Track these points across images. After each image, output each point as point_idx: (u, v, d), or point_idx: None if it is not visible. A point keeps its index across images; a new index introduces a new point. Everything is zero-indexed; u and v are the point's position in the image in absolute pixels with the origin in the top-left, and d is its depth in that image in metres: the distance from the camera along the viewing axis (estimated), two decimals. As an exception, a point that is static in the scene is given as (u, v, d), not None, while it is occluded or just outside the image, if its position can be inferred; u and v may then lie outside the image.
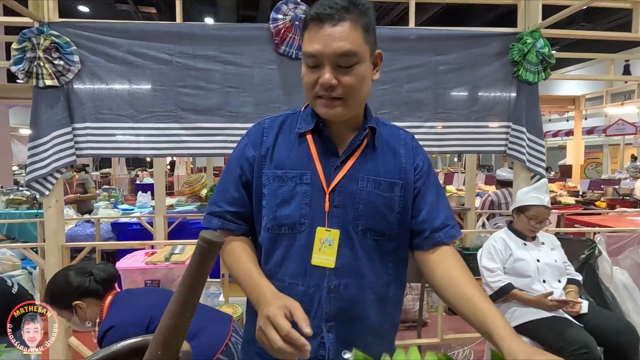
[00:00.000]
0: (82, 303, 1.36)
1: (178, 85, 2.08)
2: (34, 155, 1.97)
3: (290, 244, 0.83)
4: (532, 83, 2.19)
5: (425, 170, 0.89)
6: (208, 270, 0.58)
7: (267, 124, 0.89)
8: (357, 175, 0.83)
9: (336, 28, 0.73)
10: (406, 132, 0.93)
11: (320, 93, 0.77)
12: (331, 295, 0.82)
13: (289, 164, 0.84)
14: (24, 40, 1.93)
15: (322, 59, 0.74)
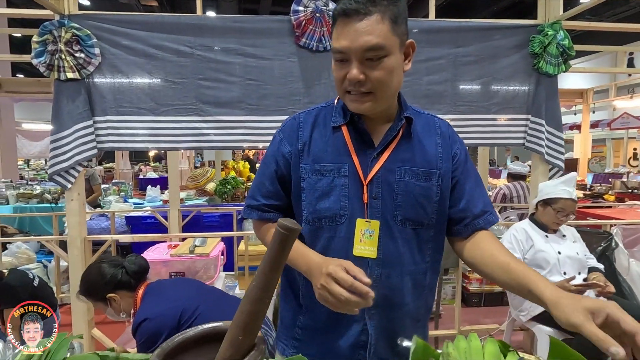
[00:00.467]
0: (115, 295, 1.38)
1: (198, 78, 2.07)
2: (56, 149, 1.97)
3: (331, 236, 0.84)
4: (551, 75, 2.19)
5: (463, 159, 0.89)
6: (286, 257, 0.59)
7: (302, 118, 0.89)
8: (394, 166, 0.84)
9: (362, 22, 0.73)
10: (442, 120, 0.93)
11: (349, 88, 0.78)
12: (374, 285, 0.82)
13: (326, 157, 0.84)
14: (45, 33, 1.92)
15: (349, 54, 0.75)
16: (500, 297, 3.18)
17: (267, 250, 0.59)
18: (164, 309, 1.30)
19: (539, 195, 2.04)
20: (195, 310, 1.30)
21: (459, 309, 2.42)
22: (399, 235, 0.84)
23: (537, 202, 2.06)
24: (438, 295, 2.43)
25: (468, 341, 0.73)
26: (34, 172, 10.30)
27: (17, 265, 3.04)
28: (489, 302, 3.19)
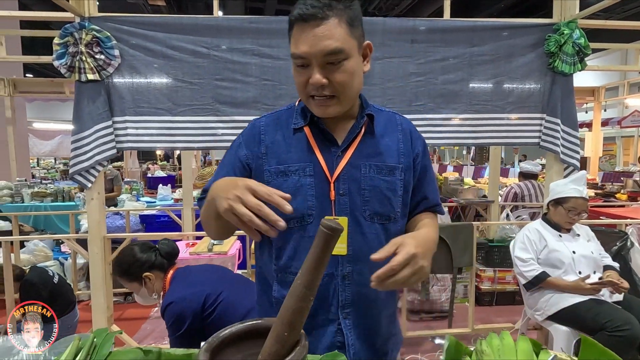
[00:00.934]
0: (151, 275, 1.44)
1: (215, 79, 2.10)
2: (77, 149, 2.01)
3: (301, 237, 0.84)
4: (567, 74, 2.18)
5: (422, 154, 0.92)
6: (329, 255, 0.61)
7: (263, 122, 0.89)
8: (359, 162, 0.84)
9: (320, 27, 0.73)
10: (403, 117, 0.95)
11: (313, 93, 0.78)
12: (346, 282, 0.84)
13: (290, 158, 0.84)
14: (66, 35, 1.96)
15: (310, 59, 0.75)
16: (512, 296, 3.18)
17: (312, 249, 0.60)
18: (189, 293, 1.35)
19: (550, 195, 2.05)
20: (219, 295, 1.35)
21: (473, 308, 2.43)
22: (368, 230, 0.85)
23: (548, 202, 2.06)
24: (452, 293, 2.44)
25: (501, 339, 0.75)
26: (45, 171, 10.44)
27: (35, 263, 3.10)
28: (500, 301, 3.19)
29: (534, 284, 1.97)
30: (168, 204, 4.31)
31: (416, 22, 2.14)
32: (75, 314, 2.52)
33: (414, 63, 2.15)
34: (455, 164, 12.63)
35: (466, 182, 5.06)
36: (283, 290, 0.86)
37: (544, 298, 1.97)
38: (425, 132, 2.22)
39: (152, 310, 3.11)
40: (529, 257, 1.99)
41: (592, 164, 5.67)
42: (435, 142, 2.27)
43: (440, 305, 2.95)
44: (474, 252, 2.38)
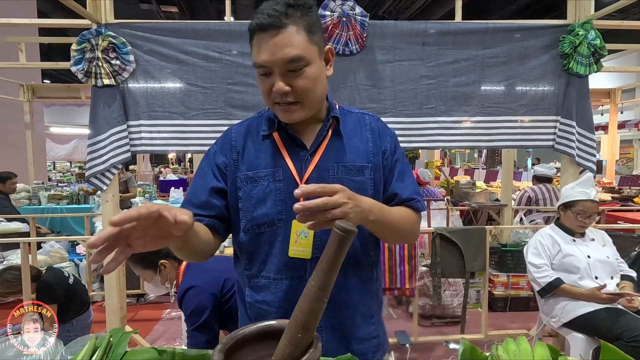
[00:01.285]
0: (166, 262, 1.46)
1: (227, 83, 2.12)
2: (93, 152, 2.05)
3: (272, 241, 0.84)
4: (582, 76, 2.15)
5: (392, 150, 0.91)
6: (343, 257, 0.61)
7: (235, 130, 0.91)
8: (327, 164, 0.85)
9: (278, 36, 0.74)
10: (371, 116, 0.94)
11: (277, 100, 0.79)
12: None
13: (260, 164, 0.85)
14: (83, 42, 2.01)
15: (271, 67, 0.76)
16: (526, 302, 3.12)
17: (325, 250, 0.61)
18: (209, 278, 1.36)
19: (560, 200, 2.02)
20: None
21: (486, 313, 2.39)
22: None
23: (558, 206, 2.03)
24: (464, 299, 2.40)
25: (517, 344, 0.74)
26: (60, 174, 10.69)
27: (51, 264, 3.17)
28: (514, 307, 3.13)
29: (547, 291, 1.93)
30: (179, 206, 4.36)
31: (427, 25, 2.13)
32: (90, 315, 2.56)
33: (425, 66, 2.15)
34: (466, 167, 12.50)
35: (478, 185, 5.00)
36: (256, 295, 0.87)
37: (559, 305, 1.93)
38: (437, 134, 2.21)
39: (164, 312, 3.14)
40: (542, 262, 1.96)
41: (608, 168, 5.54)
42: (447, 145, 2.25)
43: (453, 310, 2.91)
44: (487, 256, 2.35)
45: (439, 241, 2.32)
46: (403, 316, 3.10)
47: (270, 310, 0.86)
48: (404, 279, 2.31)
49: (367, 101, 2.15)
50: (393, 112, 2.17)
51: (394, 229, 0.85)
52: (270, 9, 0.74)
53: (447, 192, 4.39)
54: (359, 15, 2.07)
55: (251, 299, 0.88)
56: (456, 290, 2.92)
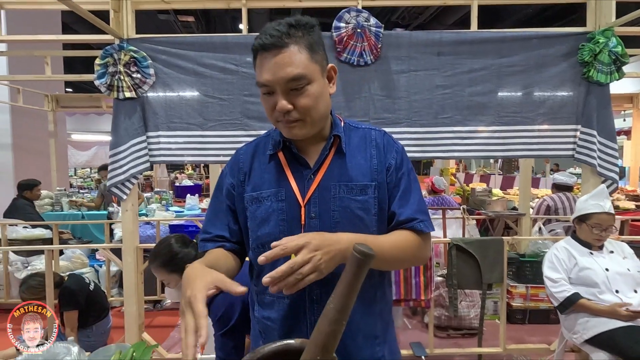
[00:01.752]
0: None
1: (244, 94, 2.16)
2: (114, 162, 2.11)
3: (274, 261, 0.80)
4: (603, 84, 2.10)
5: (397, 166, 0.88)
6: (362, 280, 0.61)
7: (243, 151, 0.93)
8: (329, 183, 0.84)
9: (280, 55, 0.75)
10: (377, 131, 0.92)
11: (280, 118, 0.80)
12: (315, 306, 0.84)
13: (264, 184, 0.86)
14: (106, 56, 2.08)
15: (273, 86, 0.76)
16: (546, 315, 3.03)
17: (343, 273, 0.61)
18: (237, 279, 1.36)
19: (574, 213, 1.97)
20: None
21: (504, 326, 2.34)
22: None
23: (573, 219, 1.98)
24: (481, 311, 2.36)
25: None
26: (81, 180, 11.01)
27: (72, 269, 3.26)
28: (533, 319, 3.05)
29: (566, 307, 1.88)
30: (196, 213, 4.43)
31: (442, 35, 2.13)
32: (109, 320, 2.63)
33: (441, 75, 2.14)
34: (482, 173, 12.29)
35: (494, 193, 4.91)
36: (263, 311, 0.89)
37: (581, 320, 1.87)
38: (453, 144, 2.19)
39: (179, 319, 3.18)
40: (559, 277, 1.91)
41: (632, 174, 5.37)
42: (462, 154, 2.23)
43: (469, 321, 2.85)
44: (505, 268, 2.30)
45: (455, 252, 2.29)
46: (418, 326, 3.06)
47: (274, 326, 0.87)
48: (419, 290, 2.29)
49: (381, 111, 2.15)
50: (408, 122, 2.16)
51: (390, 260, 0.83)
52: (273, 29, 0.76)
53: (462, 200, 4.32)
54: (374, 26, 2.08)
55: (258, 314, 0.90)
56: (473, 301, 2.87)
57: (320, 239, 0.71)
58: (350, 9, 2.07)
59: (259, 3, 2.35)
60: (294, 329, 0.86)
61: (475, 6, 2.17)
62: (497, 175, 10.76)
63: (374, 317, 0.89)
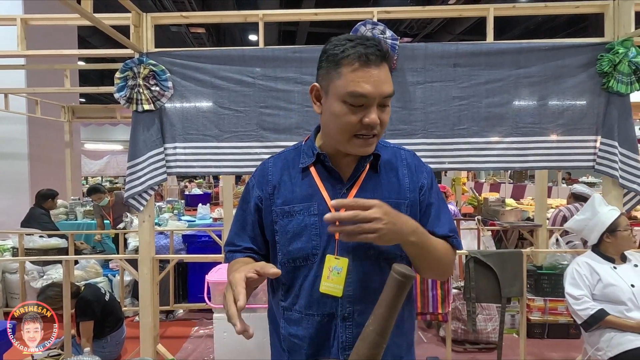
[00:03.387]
0: None
1: (260, 106, 2.18)
2: (132, 174, 2.14)
3: (306, 275, 0.84)
4: (623, 94, 2.07)
5: (429, 186, 0.90)
6: (402, 302, 0.60)
7: (271, 163, 0.92)
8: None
9: (381, 69, 0.77)
10: (407, 151, 0.94)
11: (362, 132, 0.78)
12: (346, 324, 0.82)
13: (295, 198, 0.85)
14: (126, 70, 2.12)
15: (371, 99, 0.76)
16: (566, 329, 2.95)
17: (383, 295, 0.60)
18: None
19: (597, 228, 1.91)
20: None
21: (524, 340, 2.28)
22: (372, 270, 0.83)
23: (602, 234, 1.91)
24: (501, 325, 2.30)
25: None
26: (93, 189, 11.17)
27: (87, 279, 3.29)
28: (552, 333, 2.97)
29: (590, 325, 1.82)
30: (207, 223, 4.45)
31: (458, 47, 2.13)
32: (123, 331, 2.63)
33: (457, 87, 2.13)
34: (492, 181, 12.15)
35: (508, 203, 4.84)
36: (289, 328, 0.86)
37: (605, 337, 1.81)
38: (469, 156, 2.17)
39: (192, 329, 3.17)
40: (581, 294, 1.85)
41: (648, 184, 5.25)
42: (479, 166, 2.20)
43: (487, 335, 2.79)
44: (524, 282, 2.25)
45: (473, 265, 2.25)
46: (433, 340, 3.00)
47: (302, 344, 0.85)
48: (436, 304, 2.25)
49: (397, 123, 2.15)
50: (424, 134, 2.16)
51: (434, 257, 0.83)
52: (374, 44, 0.77)
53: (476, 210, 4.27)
54: (390, 38, 2.09)
55: (285, 332, 0.88)
56: (490, 314, 2.81)
57: (392, 210, 0.74)
58: (366, 21, 2.09)
59: (275, 17, 2.38)
60: (322, 348, 0.84)
61: (491, 17, 2.17)
62: (508, 184, 10.62)
63: (402, 337, 0.88)
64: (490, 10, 2.16)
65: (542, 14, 2.41)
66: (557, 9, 2.22)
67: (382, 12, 2.19)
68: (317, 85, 0.84)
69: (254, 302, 1.98)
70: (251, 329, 0.65)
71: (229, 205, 3.29)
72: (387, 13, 2.23)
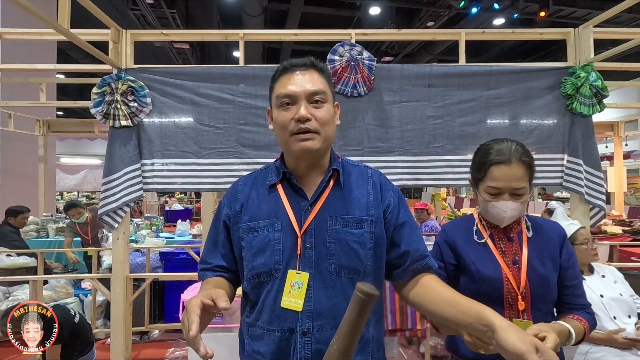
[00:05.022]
0: None
1: (240, 123, 2.19)
2: (107, 190, 2.09)
3: (269, 291, 0.86)
4: (586, 115, 2.19)
5: (396, 205, 0.93)
6: (365, 320, 0.61)
7: (241, 182, 0.98)
8: (326, 215, 0.87)
9: (306, 74, 0.88)
10: (374, 170, 0.98)
11: (296, 129, 0.85)
12: (305, 339, 0.83)
13: (261, 214, 0.89)
14: (103, 85, 2.10)
15: (297, 97, 0.86)
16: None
17: (347, 314, 0.61)
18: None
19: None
20: None
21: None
22: (333, 285, 0.84)
23: None
24: (478, 340, 2.32)
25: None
26: (68, 204, 10.78)
27: (56, 300, 3.14)
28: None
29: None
30: (186, 239, 4.36)
31: (432, 68, 2.22)
32: (93, 354, 2.51)
33: (432, 106, 2.21)
34: (472, 196, 12.43)
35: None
36: (253, 344, 0.87)
37: (580, 349, 1.85)
38: (445, 172, 2.23)
39: (167, 351, 3.06)
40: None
41: (617, 199, 5.50)
42: (455, 182, 2.27)
43: (465, 351, 2.80)
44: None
45: (450, 280, 2.28)
46: (414, 356, 2.99)
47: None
48: (414, 320, 2.26)
49: (375, 140, 2.20)
50: (400, 151, 2.21)
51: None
52: (302, 59, 0.89)
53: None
54: (367, 59, 2.16)
55: (248, 348, 0.88)
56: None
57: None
58: (344, 42, 2.15)
59: (256, 36, 2.43)
60: None
61: (462, 41, 2.28)
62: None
63: (364, 355, 0.87)
64: (462, 35, 2.27)
65: (509, 39, 2.55)
66: (524, 35, 2.35)
67: (359, 34, 2.27)
68: (269, 108, 0.95)
69: (230, 322, 1.94)
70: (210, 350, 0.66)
71: (208, 221, 3.24)
72: (364, 35, 2.31)
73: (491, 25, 8.27)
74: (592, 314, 1.16)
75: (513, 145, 1.09)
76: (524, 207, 1.11)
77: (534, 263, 1.11)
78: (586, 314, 1.15)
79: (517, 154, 1.09)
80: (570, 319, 1.10)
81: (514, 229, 1.16)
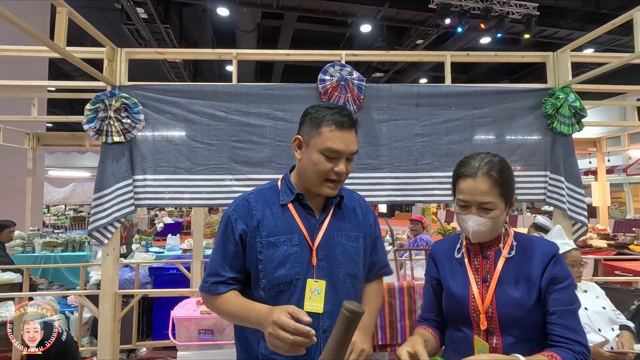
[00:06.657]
0: None
1: (232, 140, 2.23)
2: (97, 206, 2.09)
3: (289, 298, 1.00)
4: (566, 134, 2.28)
5: (374, 223, 1.17)
6: (352, 336, 0.64)
7: (253, 199, 1.08)
8: (333, 232, 1.06)
9: (351, 134, 1.03)
10: (359, 195, 1.22)
11: (333, 178, 1.02)
12: (326, 335, 0.98)
13: (279, 231, 1.02)
14: (97, 102, 2.13)
15: (342, 154, 1.01)
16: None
17: (334, 330, 0.64)
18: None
19: None
20: None
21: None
22: (342, 289, 1.03)
23: None
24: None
25: None
26: (55, 217, 10.58)
27: (42, 317, 3.07)
28: None
29: None
30: (176, 254, 4.32)
31: (420, 88, 2.30)
32: (79, 374, 2.45)
33: (419, 125, 2.28)
34: (461, 210, 12.52)
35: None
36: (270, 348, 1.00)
37: None
38: (433, 189, 2.29)
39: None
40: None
41: (601, 214, 5.63)
42: (442, 199, 2.32)
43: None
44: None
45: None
46: (405, 372, 2.98)
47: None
48: (404, 334, 2.27)
49: (365, 157, 2.25)
50: (389, 168, 2.27)
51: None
52: (347, 114, 1.03)
53: (444, 240, 4.37)
54: (357, 79, 2.23)
55: (266, 352, 0.98)
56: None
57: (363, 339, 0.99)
58: (334, 63, 2.23)
59: (249, 56, 2.49)
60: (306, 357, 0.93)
61: (448, 62, 2.37)
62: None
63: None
64: (448, 57, 2.36)
65: (492, 61, 2.66)
66: (506, 58, 2.46)
67: (349, 55, 2.35)
68: (299, 138, 1.05)
69: (221, 339, 1.93)
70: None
71: (199, 236, 3.23)
72: (354, 56, 2.39)
73: (478, 43, 8.56)
74: (581, 353, 0.96)
75: (485, 159, 1.05)
76: (495, 223, 1.04)
77: (505, 283, 1.04)
78: (566, 351, 0.94)
79: (485, 168, 1.04)
80: (542, 355, 0.94)
81: (492, 247, 1.11)
